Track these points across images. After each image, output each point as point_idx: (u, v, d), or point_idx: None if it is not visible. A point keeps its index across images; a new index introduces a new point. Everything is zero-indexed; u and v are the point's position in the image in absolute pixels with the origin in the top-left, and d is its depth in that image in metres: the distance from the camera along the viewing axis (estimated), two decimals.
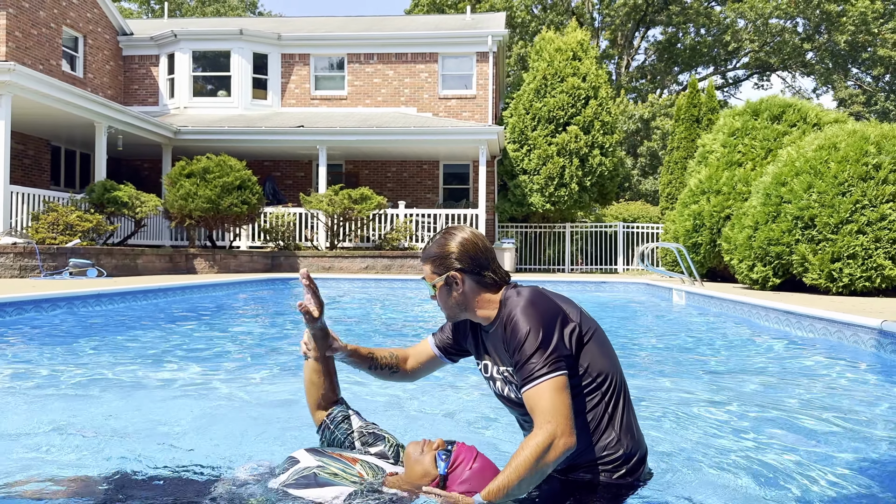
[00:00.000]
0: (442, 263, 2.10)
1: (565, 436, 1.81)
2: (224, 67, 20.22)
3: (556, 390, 1.85)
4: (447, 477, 1.94)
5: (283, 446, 2.71)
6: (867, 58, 37.30)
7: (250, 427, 3.11)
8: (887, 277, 8.54)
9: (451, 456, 1.96)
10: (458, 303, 2.11)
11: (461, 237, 2.11)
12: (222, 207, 14.45)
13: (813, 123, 12.15)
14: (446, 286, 2.10)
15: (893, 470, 2.58)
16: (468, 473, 1.94)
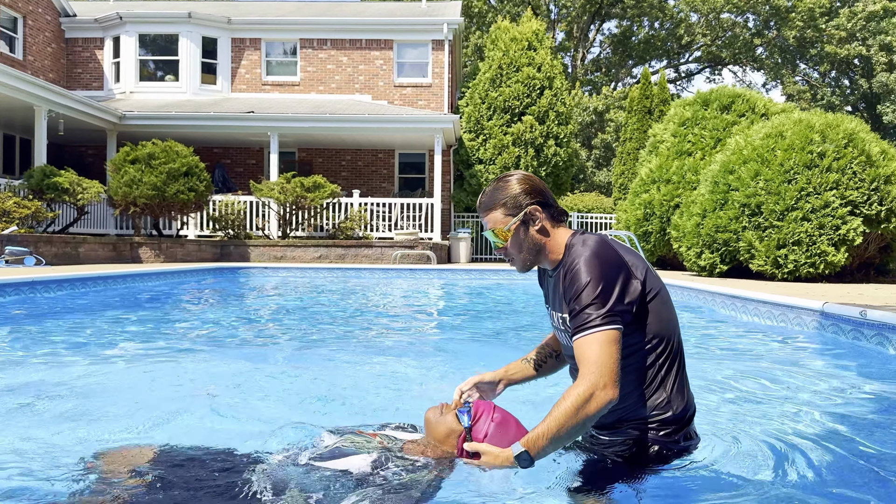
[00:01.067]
0: (514, 203, 2.04)
1: (608, 388, 1.79)
2: (172, 51, 19.66)
3: (606, 343, 1.82)
4: (471, 430, 1.96)
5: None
6: (815, 54, 38.26)
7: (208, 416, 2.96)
8: (830, 263, 8.72)
9: (471, 410, 1.99)
10: (536, 242, 2.05)
11: (520, 175, 2.08)
12: (168, 195, 14.03)
13: (761, 113, 12.35)
14: (523, 224, 2.04)
15: (823, 437, 2.56)
16: (492, 426, 1.95)
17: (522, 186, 2.05)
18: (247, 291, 10.50)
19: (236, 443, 2.31)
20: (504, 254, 2.09)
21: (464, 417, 1.98)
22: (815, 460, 2.34)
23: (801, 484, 2.15)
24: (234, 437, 2.51)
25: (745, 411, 3.09)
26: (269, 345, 5.24)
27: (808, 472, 2.25)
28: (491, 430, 1.95)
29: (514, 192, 2.04)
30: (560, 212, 2.08)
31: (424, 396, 3.34)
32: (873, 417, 3.01)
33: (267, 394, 3.40)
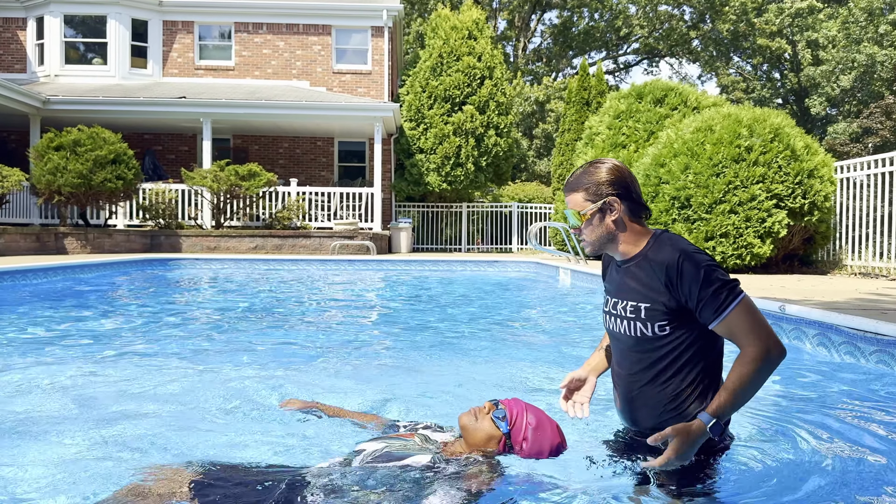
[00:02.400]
0: (596, 190, 2.09)
1: (777, 346, 1.92)
2: (100, 33, 18.87)
3: (750, 310, 1.93)
4: (510, 434, 2.09)
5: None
6: (747, 47, 39.39)
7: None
8: (757, 255, 8.97)
9: (506, 413, 2.10)
10: (609, 231, 2.11)
11: (610, 165, 2.13)
12: (95, 183, 13.51)
13: (693, 107, 12.60)
14: (600, 212, 2.10)
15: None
16: (530, 431, 2.09)
17: (609, 176, 2.10)
18: (178, 283, 10.19)
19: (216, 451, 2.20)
20: (578, 234, 2.17)
21: (501, 424, 2.10)
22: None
23: None
24: (201, 446, 2.40)
25: None
26: (201, 342, 5.07)
27: None
28: (530, 435, 2.09)
29: (600, 179, 2.10)
30: (641, 207, 2.13)
31: (368, 392, 3.28)
32: (781, 415, 3.08)
33: (211, 394, 3.27)
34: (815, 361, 4.18)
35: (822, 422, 2.92)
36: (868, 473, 2.30)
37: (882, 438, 2.69)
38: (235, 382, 3.61)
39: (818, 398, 3.36)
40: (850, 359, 3.98)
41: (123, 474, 2.12)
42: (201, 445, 2.56)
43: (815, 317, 4.39)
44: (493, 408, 2.15)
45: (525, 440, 2.11)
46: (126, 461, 2.33)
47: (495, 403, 2.17)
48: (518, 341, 5.43)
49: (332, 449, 2.40)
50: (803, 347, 4.48)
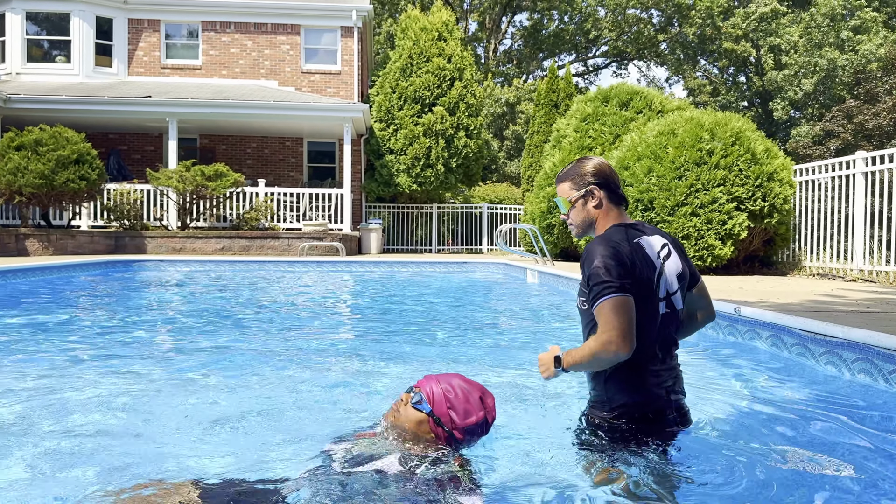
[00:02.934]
0: (580, 181, 2.41)
1: (619, 344, 2.13)
2: (63, 31, 18.54)
3: (613, 308, 2.15)
4: (433, 412, 2.14)
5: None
6: (713, 50, 40.00)
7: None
8: (717, 257, 9.13)
9: (422, 396, 2.15)
10: (590, 216, 2.40)
11: (595, 160, 2.45)
12: (57, 183, 13.27)
13: (658, 110, 12.78)
14: (583, 199, 2.40)
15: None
16: (453, 400, 2.15)
17: (591, 169, 2.41)
18: (142, 286, 10.06)
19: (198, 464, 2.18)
20: (566, 220, 2.47)
21: (423, 406, 2.15)
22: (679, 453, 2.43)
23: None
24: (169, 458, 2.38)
25: None
26: (162, 346, 5.02)
27: (666, 465, 2.33)
28: (453, 402, 2.14)
29: (584, 171, 2.42)
30: (620, 198, 2.42)
31: (331, 393, 3.28)
32: (734, 413, 3.15)
33: (170, 402, 3.25)
34: (768, 362, 4.28)
35: (771, 421, 3.00)
36: (816, 473, 2.38)
37: (827, 440, 2.77)
38: (195, 388, 3.59)
39: (770, 398, 3.45)
40: (802, 360, 4.09)
41: (84, 484, 2.11)
42: (160, 457, 2.55)
43: (769, 319, 4.49)
44: (409, 396, 2.20)
45: (451, 409, 2.15)
46: (77, 473, 2.31)
47: (410, 390, 2.21)
48: (484, 341, 5.47)
49: (303, 455, 2.37)
50: (757, 348, 4.58)
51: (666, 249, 2.34)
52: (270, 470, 2.35)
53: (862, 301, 5.56)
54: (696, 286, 2.50)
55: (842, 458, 2.53)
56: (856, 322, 4.02)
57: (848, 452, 2.59)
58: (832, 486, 2.26)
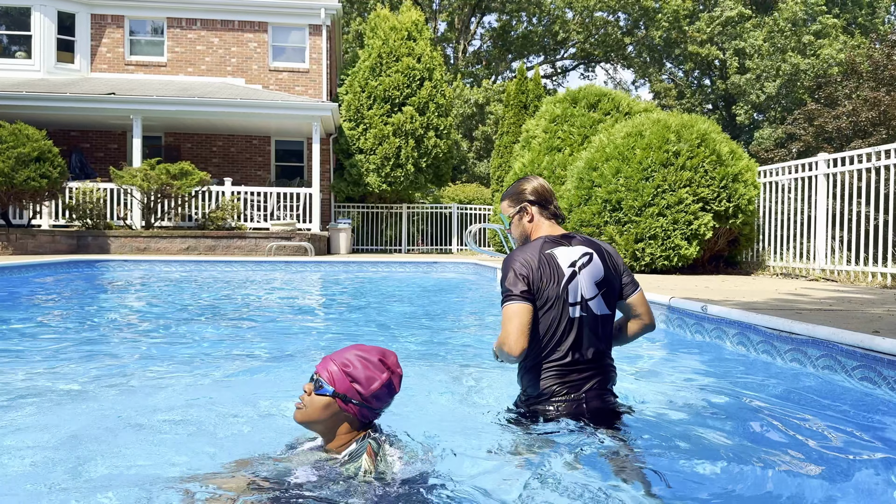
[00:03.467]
0: (517, 198, 2.70)
1: (506, 344, 2.42)
2: (24, 26, 18.09)
3: (507, 315, 2.46)
4: (337, 392, 2.08)
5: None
6: (679, 54, 40.59)
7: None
8: (683, 256, 9.26)
9: (322, 381, 2.09)
10: (525, 230, 2.69)
11: (533, 180, 2.73)
12: (17, 182, 12.95)
13: (625, 112, 12.92)
14: (518, 214, 2.70)
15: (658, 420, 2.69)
16: (345, 369, 2.10)
17: (527, 188, 2.70)
18: (105, 286, 9.86)
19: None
20: (509, 233, 2.76)
21: (325, 389, 2.08)
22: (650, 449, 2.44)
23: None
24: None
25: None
26: (125, 347, 4.92)
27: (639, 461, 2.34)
28: (353, 373, 2.10)
29: (520, 190, 2.71)
30: (554, 215, 2.70)
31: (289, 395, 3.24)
32: (703, 410, 3.19)
33: (126, 404, 3.17)
34: (734, 360, 4.34)
35: (736, 416, 3.05)
36: (781, 467, 2.41)
37: (793, 436, 2.82)
38: (151, 390, 3.52)
39: (737, 394, 3.50)
40: (767, 357, 4.16)
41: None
42: (118, 455, 2.49)
43: (735, 317, 4.56)
44: (312, 385, 2.12)
45: (353, 381, 2.09)
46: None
47: (311, 379, 2.14)
48: (453, 340, 5.46)
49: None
50: (724, 346, 4.65)
51: (586, 258, 2.56)
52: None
53: (825, 300, 5.67)
54: (631, 295, 2.68)
55: (800, 451, 2.57)
56: (819, 320, 4.10)
57: (806, 446, 2.64)
58: (789, 476, 2.30)
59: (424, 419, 2.91)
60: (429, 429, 2.52)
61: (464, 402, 3.42)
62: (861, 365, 3.43)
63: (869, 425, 2.90)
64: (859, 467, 2.40)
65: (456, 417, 3.13)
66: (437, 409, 3.29)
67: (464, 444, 2.48)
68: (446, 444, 2.38)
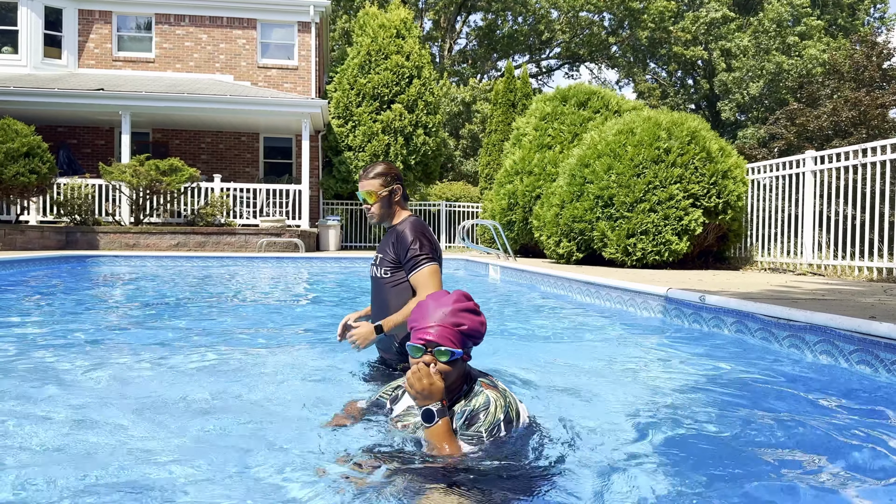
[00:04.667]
0: (390, 178, 3.11)
1: None
2: (10, 21, 17.92)
3: (430, 274, 2.97)
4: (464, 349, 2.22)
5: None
6: (664, 54, 40.95)
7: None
8: (674, 251, 9.41)
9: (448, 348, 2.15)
10: (389, 210, 3.12)
11: (393, 165, 3.20)
12: (6, 177, 12.86)
13: (614, 110, 13.07)
14: (389, 194, 3.11)
15: (662, 416, 2.80)
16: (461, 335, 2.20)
17: (396, 171, 3.18)
18: (94, 282, 9.83)
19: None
20: (370, 212, 3.12)
21: (457, 352, 2.17)
22: (651, 436, 2.55)
23: (636, 458, 2.34)
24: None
25: (586, 390, 3.30)
26: (114, 343, 4.95)
27: (643, 446, 2.45)
28: (472, 329, 2.22)
29: (391, 171, 3.15)
30: (407, 196, 3.22)
31: (297, 387, 3.31)
32: (707, 395, 3.31)
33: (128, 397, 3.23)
34: (733, 347, 4.47)
35: (736, 403, 3.16)
36: (783, 448, 2.52)
37: (793, 420, 2.94)
38: (150, 387, 3.58)
39: (735, 381, 3.61)
40: (765, 343, 4.29)
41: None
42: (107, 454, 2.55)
43: (733, 306, 4.69)
44: (433, 357, 2.15)
45: (470, 336, 2.20)
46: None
47: (424, 352, 2.17)
48: None
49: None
50: (721, 334, 4.77)
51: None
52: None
53: (816, 291, 5.83)
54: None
55: (801, 436, 2.69)
56: (815, 308, 4.24)
57: (807, 427, 2.76)
58: (788, 461, 2.41)
59: None
60: None
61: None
62: (858, 349, 3.56)
63: (864, 406, 3.02)
64: (856, 446, 2.51)
65: None
66: None
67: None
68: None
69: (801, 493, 2.04)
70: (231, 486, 2.02)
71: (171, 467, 2.17)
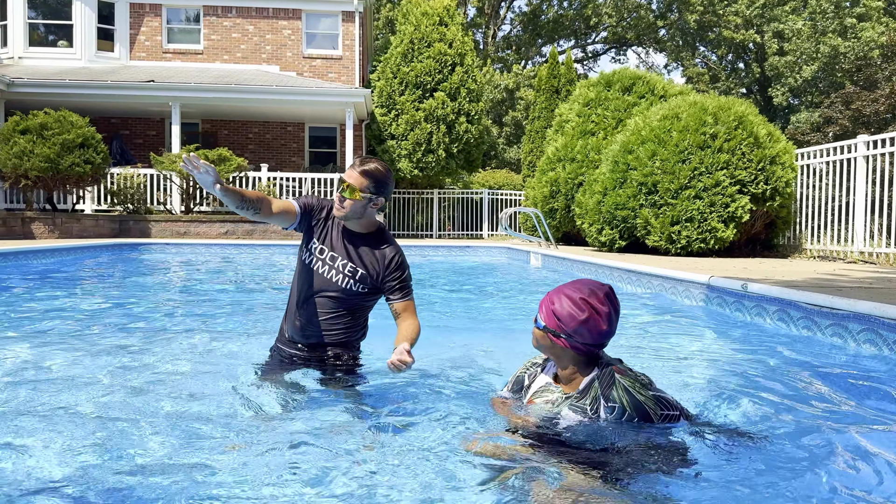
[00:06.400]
0: (379, 188, 2.83)
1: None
2: (65, 15, 18.49)
3: (413, 305, 2.99)
4: (547, 326, 2.29)
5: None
6: (713, 38, 39.97)
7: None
8: (720, 239, 9.26)
9: (539, 314, 2.31)
10: (362, 217, 2.87)
11: (389, 172, 2.89)
12: (63, 167, 13.33)
13: (660, 95, 12.86)
14: (369, 202, 2.84)
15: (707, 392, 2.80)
16: (551, 307, 2.29)
17: (391, 184, 2.90)
18: (150, 268, 10.16)
19: None
20: (342, 205, 2.82)
21: (539, 323, 2.30)
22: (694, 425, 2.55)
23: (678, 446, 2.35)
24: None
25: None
26: (172, 326, 5.13)
27: (686, 436, 2.45)
28: (561, 313, 2.26)
29: (387, 181, 2.86)
30: (384, 207, 3.13)
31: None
32: (747, 382, 3.28)
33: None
34: (775, 336, 4.40)
35: (780, 392, 3.13)
36: (827, 443, 2.50)
37: (838, 410, 2.90)
38: (222, 368, 3.71)
39: (776, 369, 3.57)
40: (808, 332, 4.22)
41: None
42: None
43: (775, 294, 4.62)
44: (543, 333, 2.30)
45: (558, 318, 2.24)
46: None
47: (540, 328, 2.31)
48: (491, 318, 5.59)
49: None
50: (763, 323, 4.71)
51: None
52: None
53: (864, 279, 5.69)
54: None
55: (847, 427, 2.65)
56: (860, 297, 4.15)
57: (853, 418, 2.72)
58: (831, 451, 2.39)
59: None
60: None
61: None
62: None
63: None
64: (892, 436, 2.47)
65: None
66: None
67: None
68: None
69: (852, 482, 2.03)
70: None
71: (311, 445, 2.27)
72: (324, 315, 2.96)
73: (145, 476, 2.01)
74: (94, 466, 2.07)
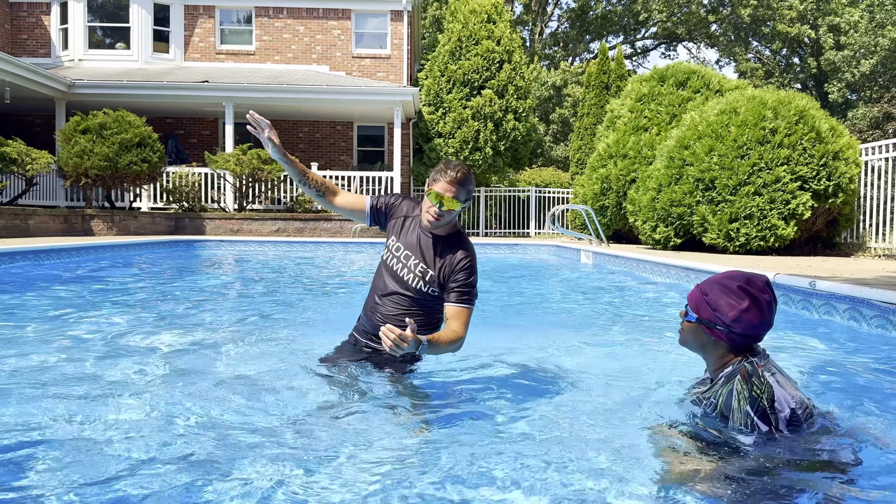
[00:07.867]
0: (470, 193, 2.83)
1: (463, 340, 2.81)
2: (122, 18, 19.02)
3: (470, 314, 2.87)
4: (700, 318, 2.22)
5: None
6: (767, 32, 38.94)
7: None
8: (780, 237, 9.01)
9: (689, 307, 2.24)
10: (451, 222, 2.85)
11: (473, 176, 2.89)
12: (121, 166, 13.69)
13: (716, 90, 12.58)
14: (461, 210, 2.86)
15: None
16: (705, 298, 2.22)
17: (473, 190, 2.87)
18: (206, 264, 10.37)
19: None
20: (445, 214, 2.77)
21: (692, 315, 2.23)
22: None
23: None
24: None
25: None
26: (234, 320, 5.21)
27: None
28: (717, 304, 2.17)
29: (472, 190, 2.85)
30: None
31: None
32: (824, 382, 3.17)
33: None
34: (846, 335, 4.25)
35: (849, 389, 3.01)
36: None
37: None
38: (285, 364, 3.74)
39: (848, 370, 3.44)
40: (882, 331, 4.06)
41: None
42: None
43: (846, 291, 4.46)
44: (684, 313, 2.27)
45: (714, 309, 2.16)
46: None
47: (686, 305, 2.28)
48: (546, 316, 5.54)
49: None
50: (833, 321, 4.55)
51: None
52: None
53: None
54: None
55: None
56: None
57: None
58: None
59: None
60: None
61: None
62: None
63: None
64: None
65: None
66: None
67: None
68: None
69: None
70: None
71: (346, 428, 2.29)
72: (397, 311, 2.94)
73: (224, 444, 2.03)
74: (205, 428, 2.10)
